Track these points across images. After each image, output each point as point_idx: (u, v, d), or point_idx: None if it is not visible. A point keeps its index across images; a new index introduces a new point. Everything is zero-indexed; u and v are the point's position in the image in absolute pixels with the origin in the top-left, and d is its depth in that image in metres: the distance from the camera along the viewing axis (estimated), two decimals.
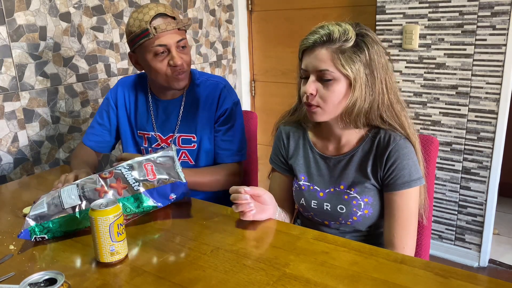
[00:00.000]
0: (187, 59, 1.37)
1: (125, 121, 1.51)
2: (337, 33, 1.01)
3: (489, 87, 2.02)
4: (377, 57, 1.03)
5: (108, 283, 0.86)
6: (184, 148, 1.47)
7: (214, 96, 1.45)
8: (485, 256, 2.24)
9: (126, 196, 1.07)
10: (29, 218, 1.00)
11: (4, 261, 0.94)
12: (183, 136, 1.47)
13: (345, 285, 0.82)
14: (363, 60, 1.01)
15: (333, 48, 1.01)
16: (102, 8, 1.94)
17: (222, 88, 1.46)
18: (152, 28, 1.29)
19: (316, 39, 1.02)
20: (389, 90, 1.05)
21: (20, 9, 1.64)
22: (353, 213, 1.12)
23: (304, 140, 1.21)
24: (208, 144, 1.48)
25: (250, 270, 0.88)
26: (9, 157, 1.67)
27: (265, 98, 2.96)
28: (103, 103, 1.53)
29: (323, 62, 1.02)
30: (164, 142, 1.48)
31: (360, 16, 2.38)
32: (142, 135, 1.50)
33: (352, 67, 1.00)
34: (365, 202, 1.11)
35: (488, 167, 2.10)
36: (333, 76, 1.02)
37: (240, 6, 2.80)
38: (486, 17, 1.95)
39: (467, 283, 0.80)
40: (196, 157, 1.48)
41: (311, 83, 1.04)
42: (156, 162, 1.15)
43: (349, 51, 1.00)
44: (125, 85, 1.52)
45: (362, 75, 1.01)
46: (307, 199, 1.18)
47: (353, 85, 1.02)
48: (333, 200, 1.14)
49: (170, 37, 1.31)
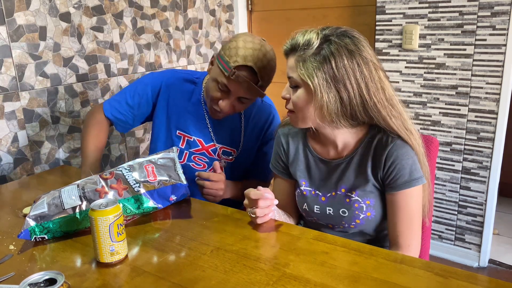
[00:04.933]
0: (238, 108, 1.36)
1: (163, 116, 1.48)
2: (301, 41, 1.04)
3: (489, 87, 2.02)
4: (349, 63, 0.99)
5: (108, 283, 0.86)
6: (223, 159, 1.49)
7: (265, 120, 1.49)
8: (485, 256, 2.24)
9: (127, 197, 1.07)
10: (29, 218, 1.00)
11: (4, 261, 0.94)
12: (224, 148, 1.48)
13: (345, 285, 0.82)
14: (325, 68, 0.99)
15: (296, 57, 1.05)
16: (102, 8, 1.94)
17: (273, 113, 1.50)
18: (232, 72, 1.25)
19: (285, 47, 1.09)
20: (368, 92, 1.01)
21: (20, 9, 1.64)
22: (355, 216, 1.11)
23: (304, 145, 1.21)
24: (243, 160, 1.51)
25: (250, 270, 0.88)
26: (9, 157, 1.67)
27: None
28: (140, 84, 1.49)
29: (290, 70, 1.07)
30: (205, 149, 1.47)
31: (360, 16, 2.38)
32: (182, 136, 1.48)
33: (310, 75, 1.01)
34: (367, 204, 1.11)
35: (488, 167, 2.10)
36: (296, 83, 1.06)
37: (240, 6, 2.80)
38: (486, 17, 1.95)
39: (467, 283, 0.80)
40: (229, 167, 1.49)
41: (285, 88, 1.11)
42: (157, 163, 1.15)
43: (309, 59, 1.01)
44: (172, 82, 1.48)
45: (322, 82, 1.00)
46: (309, 205, 1.18)
47: (314, 91, 1.02)
48: (335, 204, 1.14)
49: (239, 89, 1.29)
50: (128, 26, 2.08)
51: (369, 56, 1.02)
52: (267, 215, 1.05)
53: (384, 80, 1.03)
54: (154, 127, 1.52)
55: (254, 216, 1.03)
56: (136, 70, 2.14)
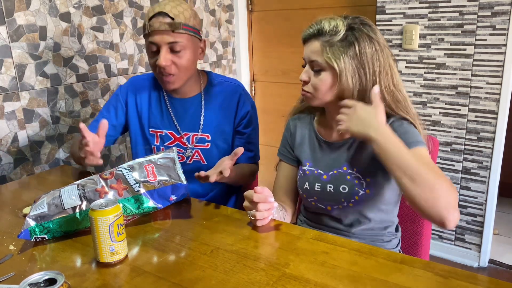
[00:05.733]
0: (180, 62, 1.34)
1: (135, 119, 1.50)
2: (327, 27, 1.10)
3: (489, 87, 2.02)
4: (369, 49, 1.07)
5: (108, 283, 0.86)
6: (198, 147, 1.48)
7: (233, 98, 1.47)
8: (485, 256, 2.24)
9: (127, 197, 1.07)
10: (29, 218, 1.00)
11: (4, 261, 0.94)
12: (197, 135, 1.47)
13: (345, 285, 0.82)
14: (351, 53, 1.07)
15: (323, 41, 1.10)
16: (102, 8, 1.94)
17: (241, 91, 1.49)
18: (148, 26, 1.31)
19: (310, 32, 1.13)
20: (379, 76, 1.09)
21: (20, 9, 1.64)
22: (355, 193, 1.13)
23: (310, 129, 1.26)
24: (222, 144, 1.49)
25: (250, 270, 0.88)
26: (9, 157, 1.67)
27: (265, 98, 2.96)
28: (112, 98, 1.51)
29: (314, 54, 1.11)
30: (178, 140, 1.48)
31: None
32: (155, 133, 1.49)
33: (338, 59, 1.07)
34: (367, 182, 1.12)
35: (488, 167, 2.10)
36: (321, 66, 1.10)
37: (240, 6, 2.80)
38: (486, 17, 1.95)
39: (467, 283, 0.80)
40: (208, 156, 1.48)
41: (305, 71, 1.15)
42: (157, 163, 1.15)
43: (336, 44, 1.08)
44: (137, 83, 1.51)
45: (349, 67, 1.07)
46: (311, 183, 1.20)
47: (339, 76, 1.08)
48: (336, 181, 1.16)
49: (161, 37, 1.30)
50: (128, 26, 2.08)
51: (384, 43, 1.11)
52: (267, 218, 1.06)
53: (393, 66, 1.12)
54: (131, 133, 1.52)
55: (253, 218, 1.04)
56: (136, 70, 2.15)
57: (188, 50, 1.35)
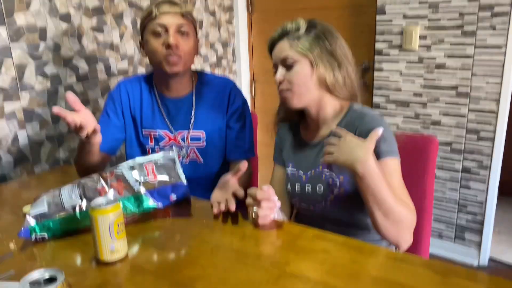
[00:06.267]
0: (185, 47, 1.37)
1: (129, 121, 1.50)
2: (289, 26, 1.16)
3: (489, 87, 2.02)
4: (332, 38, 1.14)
5: (108, 281, 0.86)
6: (193, 145, 1.48)
7: (224, 94, 1.49)
8: (485, 255, 2.24)
9: (127, 196, 1.07)
10: (30, 217, 1.00)
11: (4, 260, 0.94)
12: (192, 133, 1.48)
13: (345, 283, 0.82)
14: (319, 42, 1.13)
15: (289, 39, 1.14)
16: (102, 9, 1.95)
17: (231, 86, 1.51)
18: (156, 10, 1.34)
19: (275, 36, 1.18)
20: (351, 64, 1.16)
21: (20, 10, 1.64)
22: (330, 191, 1.13)
23: (294, 132, 1.30)
24: (217, 141, 1.49)
25: (250, 268, 0.88)
26: (9, 157, 1.67)
27: (265, 98, 2.97)
28: (107, 104, 1.50)
29: (283, 51, 1.15)
30: (172, 140, 1.48)
31: (360, 17, 2.38)
32: (148, 134, 1.49)
33: (309, 48, 1.12)
34: (340, 180, 1.12)
35: (488, 167, 2.10)
36: (294, 59, 1.13)
37: (240, 7, 2.80)
38: (486, 18, 1.95)
39: (467, 282, 0.80)
40: (205, 154, 1.49)
41: (278, 72, 1.17)
42: (157, 163, 1.15)
43: (303, 36, 1.14)
44: (127, 85, 1.51)
45: (320, 54, 1.12)
46: (292, 184, 1.23)
47: (314, 63, 1.12)
48: (313, 181, 1.18)
49: (171, 19, 1.34)
50: (128, 27, 2.08)
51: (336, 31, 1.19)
52: (269, 216, 1.05)
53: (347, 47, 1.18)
54: (126, 136, 1.52)
55: (255, 217, 1.03)
56: (136, 70, 2.15)
57: (192, 38, 1.40)
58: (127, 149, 1.54)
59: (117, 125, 1.49)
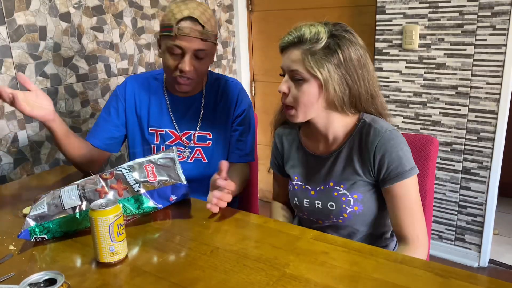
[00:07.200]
0: (200, 69, 1.36)
1: (133, 117, 1.49)
2: (308, 35, 1.03)
3: (489, 87, 2.02)
4: (354, 55, 1.04)
5: (108, 283, 0.86)
6: (199, 145, 1.48)
7: (233, 95, 1.48)
8: (485, 256, 2.24)
9: (127, 197, 1.07)
10: (29, 218, 1.00)
11: (4, 261, 0.94)
12: (199, 133, 1.48)
13: (345, 285, 0.82)
14: (335, 61, 1.02)
15: (304, 49, 1.03)
16: (102, 8, 1.94)
17: (239, 89, 1.50)
18: (176, 28, 1.28)
19: (289, 40, 1.06)
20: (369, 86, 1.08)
21: (20, 9, 1.64)
22: (342, 210, 1.12)
23: (297, 142, 1.24)
24: (223, 142, 1.50)
25: (250, 270, 0.88)
26: (9, 157, 1.67)
27: (265, 98, 2.96)
28: (111, 99, 1.49)
29: (294, 63, 1.05)
30: (179, 139, 1.48)
31: (360, 16, 2.38)
32: (154, 131, 1.48)
33: (321, 69, 1.02)
34: (354, 198, 1.10)
35: (488, 167, 2.10)
36: (302, 76, 1.04)
37: (240, 6, 2.80)
38: (486, 17, 1.95)
39: (467, 283, 0.80)
40: (210, 155, 1.49)
41: (284, 82, 1.09)
42: (157, 163, 1.15)
43: (319, 53, 1.02)
44: (135, 82, 1.50)
45: (334, 75, 1.03)
46: (299, 198, 1.20)
47: (324, 86, 1.04)
48: (323, 197, 1.15)
49: (189, 43, 1.30)
50: (128, 26, 2.08)
51: (365, 46, 1.08)
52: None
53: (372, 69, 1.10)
54: (129, 133, 1.52)
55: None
56: (136, 70, 2.15)
57: (210, 56, 1.38)
58: (130, 146, 1.53)
59: (116, 123, 1.48)
